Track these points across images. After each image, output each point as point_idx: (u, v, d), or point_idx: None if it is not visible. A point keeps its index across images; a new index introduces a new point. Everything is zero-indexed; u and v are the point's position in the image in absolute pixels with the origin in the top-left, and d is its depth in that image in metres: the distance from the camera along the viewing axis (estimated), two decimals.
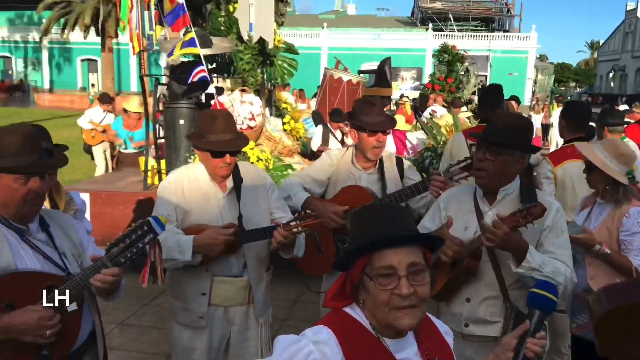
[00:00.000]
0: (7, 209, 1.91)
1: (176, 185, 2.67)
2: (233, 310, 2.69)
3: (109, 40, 33.25)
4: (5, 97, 39.63)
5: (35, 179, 1.89)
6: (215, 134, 2.55)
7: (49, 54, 47.91)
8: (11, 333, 1.77)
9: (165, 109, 5.96)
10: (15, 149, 1.87)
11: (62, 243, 2.05)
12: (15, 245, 1.91)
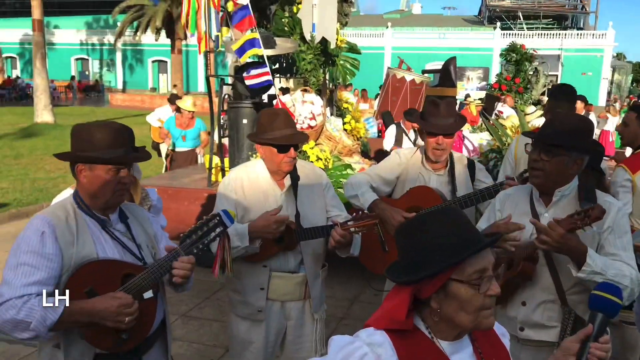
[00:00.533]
0: (94, 200, 2.03)
1: (236, 182, 2.73)
2: (289, 305, 2.74)
3: (178, 42, 34.45)
4: (82, 97, 41.82)
5: (124, 170, 2.02)
6: (278, 130, 2.61)
7: (122, 56, 50.12)
8: (94, 317, 1.88)
9: (229, 109, 6.12)
10: (107, 142, 1.99)
11: (138, 235, 2.16)
12: (97, 234, 2.02)
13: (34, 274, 1.86)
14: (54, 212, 2.00)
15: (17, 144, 14.70)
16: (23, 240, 1.92)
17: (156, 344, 2.20)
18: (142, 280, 2.00)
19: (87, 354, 1.97)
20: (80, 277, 1.93)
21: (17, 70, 50.64)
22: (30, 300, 1.83)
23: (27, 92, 35.99)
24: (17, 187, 9.61)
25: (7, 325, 1.83)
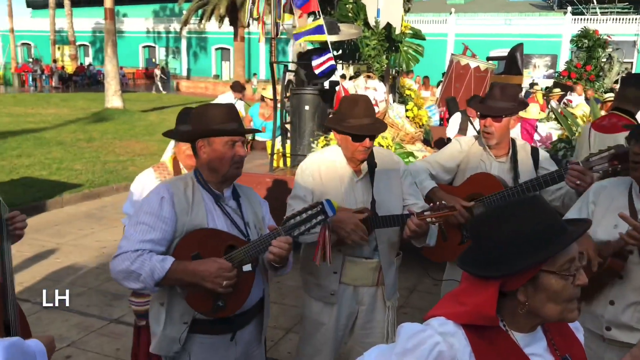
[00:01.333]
0: (213, 174, 2.19)
1: (313, 167, 2.76)
2: (362, 291, 2.74)
3: (241, 30, 34.95)
4: (149, 83, 43.26)
5: (239, 143, 2.16)
6: (355, 118, 2.60)
7: (187, 43, 51.38)
8: (195, 277, 2.01)
9: (292, 95, 6.18)
10: (222, 117, 2.15)
11: (247, 214, 2.29)
12: (210, 207, 2.18)
13: (149, 232, 2.05)
14: (174, 182, 2.20)
15: (89, 128, 15.41)
16: (145, 202, 2.13)
17: (252, 323, 2.29)
18: (244, 252, 2.11)
19: (186, 316, 2.12)
20: (189, 242, 2.09)
21: (89, 58, 52.93)
22: (143, 255, 2.01)
23: (97, 79, 37.61)
24: (89, 169, 10.09)
25: (121, 275, 2.02)
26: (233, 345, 2.22)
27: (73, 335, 4.19)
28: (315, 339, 2.80)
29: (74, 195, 8.35)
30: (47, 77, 35.33)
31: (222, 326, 2.18)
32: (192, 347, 2.17)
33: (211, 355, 2.19)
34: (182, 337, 2.13)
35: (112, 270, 2.06)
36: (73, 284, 5.21)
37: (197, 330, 2.16)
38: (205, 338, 2.17)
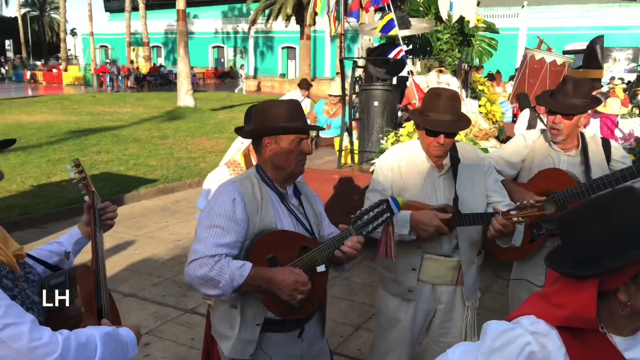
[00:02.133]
0: (279, 172, 2.17)
1: (393, 161, 2.70)
2: (441, 289, 2.68)
3: (307, 29, 35.25)
4: (218, 83, 44.47)
5: (306, 141, 2.14)
6: (435, 112, 2.53)
7: (254, 43, 52.36)
8: (272, 286, 1.99)
9: (360, 91, 6.15)
10: (288, 115, 2.13)
11: (308, 211, 2.28)
12: (276, 206, 2.16)
13: (224, 236, 2.01)
14: (242, 182, 2.16)
15: (163, 126, 16.01)
16: (217, 204, 2.07)
17: (314, 318, 2.27)
18: (318, 253, 2.09)
19: (258, 317, 2.10)
20: (264, 244, 2.06)
21: (162, 59, 55.03)
22: (221, 261, 1.96)
23: (169, 79, 39.02)
24: (163, 165, 10.48)
25: (198, 281, 1.97)
26: (300, 340, 2.21)
27: (150, 323, 4.35)
28: (391, 335, 2.76)
29: (149, 190, 8.69)
30: (123, 78, 37.03)
31: (292, 324, 2.16)
32: (264, 346, 2.16)
33: (278, 351, 2.18)
34: (254, 338, 2.10)
35: (188, 275, 2.00)
36: (150, 274, 5.42)
37: (267, 329, 2.13)
38: (276, 336, 2.16)
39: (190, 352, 3.90)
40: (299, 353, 2.23)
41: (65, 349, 1.24)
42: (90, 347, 1.30)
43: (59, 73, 40.20)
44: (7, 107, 19.51)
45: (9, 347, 1.19)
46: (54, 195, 7.87)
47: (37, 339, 1.22)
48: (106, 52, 56.80)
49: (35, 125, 14.72)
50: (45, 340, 1.23)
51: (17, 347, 1.20)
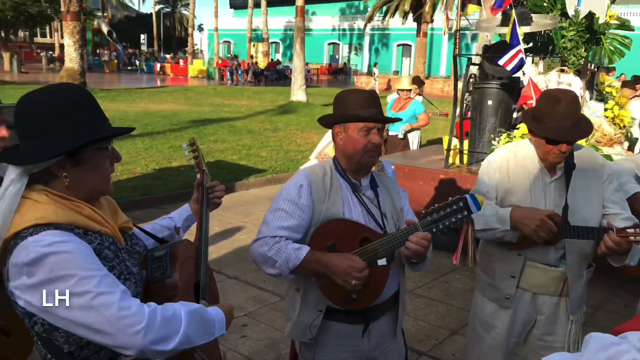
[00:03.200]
0: (348, 161, 2.16)
1: (501, 161, 2.56)
2: (542, 299, 2.51)
3: (424, 26, 34.64)
4: (331, 79, 45.11)
5: (374, 131, 2.10)
6: (554, 119, 2.31)
7: (369, 40, 52.47)
8: (327, 270, 2.00)
9: (473, 89, 5.93)
10: (360, 103, 2.11)
11: (385, 204, 2.22)
12: (347, 196, 2.15)
13: (287, 219, 2.07)
14: (313, 170, 2.20)
15: (275, 119, 16.56)
16: (284, 190, 2.16)
17: (386, 315, 2.22)
18: (379, 246, 2.04)
19: (320, 303, 2.11)
20: (325, 231, 2.08)
21: (279, 54, 56.88)
22: (280, 242, 2.03)
23: (285, 74, 40.21)
24: (273, 157, 10.83)
25: (259, 258, 2.07)
26: (366, 336, 2.18)
27: (250, 306, 4.52)
28: (485, 342, 2.64)
29: (258, 179, 9.03)
30: (242, 72, 38.75)
31: (355, 316, 2.14)
32: (326, 334, 2.16)
33: (343, 344, 2.16)
34: (316, 324, 2.11)
35: (251, 252, 2.11)
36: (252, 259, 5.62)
37: (331, 318, 2.13)
38: (339, 326, 2.15)
39: (285, 338, 4.00)
40: (366, 348, 2.19)
41: (150, 321, 1.31)
42: (175, 322, 1.36)
43: (185, 66, 42.94)
44: (138, 96, 21.21)
45: (100, 314, 1.28)
46: (173, 179, 8.43)
47: (126, 309, 1.30)
48: (228, 47, 59.76)
49: (161, 114, 15.85)
50: (132, 311, 1.30)
51: (107, 314, 1.28)
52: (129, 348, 1.30)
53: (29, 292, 1.30)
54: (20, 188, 1.39)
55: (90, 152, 1.44)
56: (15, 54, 34.45)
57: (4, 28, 35.25)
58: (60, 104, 1.42)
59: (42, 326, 1.37)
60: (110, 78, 33.99)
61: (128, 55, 49.47)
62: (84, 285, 1.28)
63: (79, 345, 1.40)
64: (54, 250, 1.29)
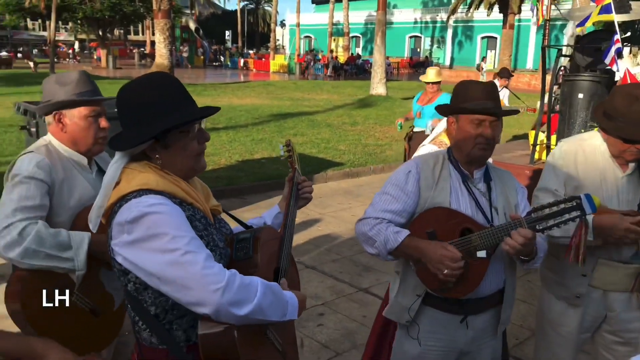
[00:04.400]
0: (459, 151, 2.18)
1: (569, 156, 2.44)
2: (613, 296, 2.41)
3: (511, 17, 33.35)
4: (412, 72, 44.48)
5: (486, 124, 2.08)
6: (631, 116, 2.19)
7: (452, 33, 51.19)
8: (422, 256, 2.03)
9: (563, 82, 5.66)
10: (478, 95, 2.11)
11: (497, 198, 2.19)
12: (455, 186, 2.16)
13: (392, 203, 2.16)
14: (425, 158, 2.26)
15: (354, 113, 16.58)
16: (394, 175, 2.24)
17: (487, 313, 2.19)
18: (478, 238, 2.02)
19: (419, 288, 2.15)
20: (427, 218, 2.11)
21: (360, 49, 56.75)
22: (382, 224, 2.12)
23: (364, 68, 40.09)
24: (351, 150, 10.87)
25: (361, 237, 2.19)
26: (463, 328, 2.16)
27: (327, 296, 4.59)
28: (553, 340, 2.55)
29: (336, 172, 9.10)
30: (322, 67, 39.05)
31: (453, 306, 2.13)
32: (423, 319, 2.18)
33: (440, 331, 2.17)
34: (414, 307, 2.16)
35: (356, 231, 2.23)
36: (330, 250, 5.70)
37: (430, 304, 2.16)
38: (437, 313, 2.16)
39: (361, 329, 4.03)
40: (461, 341, 2.18)
41: (229, 283, 1.39)
42: (251, 290, 1.43)
43: (267, 61, 43.87)
44: (223, 90, 21.95)
45: (186, 270, 1.38)
46: (255, 171, 8.67)
47: (209, 268, 1.39)
48: (309, 42, 60.36)
49: (244, 108, 16.32)
50: (215, 270, 1.40)
51: (192, 270, 1.37)
52: (206, 305, 1.38)
53: (127, 248, 1.42)
54: (120, 165, 1.54)
55: (176, 135, 1.54)
56: (111, 51, 36.70)
57: (102, 27, 37.54)
58: (149, 93, 1.53)
59: (134, 285, 1.49)
60: (197, 73, 35.35)
61: (213, 52, 51.26)
62: (175, 243, 1.39)
63: (164, 309, 1.50)
64: (153, 211, 1.41)
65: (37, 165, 2.07)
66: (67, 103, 2.17)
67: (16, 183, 2.05)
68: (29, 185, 2.03)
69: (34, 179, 2.05)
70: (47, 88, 2.23)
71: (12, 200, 2.01)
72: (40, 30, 71.33)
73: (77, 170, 2.21)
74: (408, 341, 2.23)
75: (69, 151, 2.22)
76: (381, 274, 5.09)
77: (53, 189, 2.11)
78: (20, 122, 5.13)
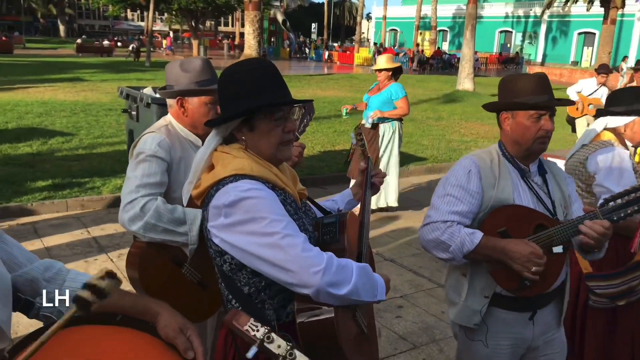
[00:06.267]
0: (517, 147, 2.12)
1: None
2: None
3: (612, 12, 31.28)
4: (501, 68, 42.96)
5: (546, 117, 2.04)
6: None
7: (546, 28, 48.86)
8: (504, 256, 1.97)
9: None
10: (530, 89, 2.06)
11: (553, 191, 2.16)
12: (515, 182, 2.11)
13: (457, 204, 2.07)
14: (480, 155, 2.17)
15: (438, 108, 16.29)
16: (452, 175, 2.16)
17: (551, 305, 2.17)
18: (555, 233, 1.98)
19: (487, 289, 2.09)
20: (497, 217, 2.05)
21: (446, 43, 55.52)
22: (453, 226, 2.04)
23: (450, 62, 39.20)
24: (434, 145, 10.70)
25: (430, 244, 2.09)
26: (530, 324, 2.11)
27: (405, 289, 4.58)
28: None
29: (418, 167, 8.99)
30: (406, 60, 38.57)
31: (522, 303, 2.08)
32: (490, 320, 2.13)
33: (507, 331, 2.12)
34: (483, 310, 2.10)
35: (421, 237, 2.14)
36: (409, 244, 5.66)
37: (497, 304, 2.10)
38: (504, 313, 2.11)
39: (439, 324, 4.00)
40: (529, 337, 2.14)
41: (328, 265, 1.43)
42: (348, 271, 1.46)
43: (351, 54, 43.93)
44: (307, 82, 22.25)
45: (286, 253, 1.42)
46: (336, 162, 8.76)
47: (308, 251, 1.44)
48: (395, 36, 59.78)
49: (327, 100, 16.47)
50: (314, 253, 1.44)
51: (293, 253, 1.42)
52: (307, 286, 1.42)
53: (225, 230, 1.49)
54: (210, 145, 1.62)
55: (261, 118, 1.59)
56: (202, 41, 38.15)
57: (195, 18, 39.10)
58: (243, 75, 1.60)
59: (230, 265, 1.56)
60: (282, 65, 35.98)
61: (299, 44, 52.00)
62: (273, 227, 1.44)
63: (257, 289, 1.56)
64: (250, 195, 1.47)
65: (158, 145, 2.24)
66: (189, 92, 2.32)
67: (140, 161, 2.22)
68: (151, 163, 2.20)
69: (156, 157, 2.22)
70: (171, 73, 2.37)
71: (135, 177, 2.18)
72: (138, 21, 75.41)
73: (193, 150, 2.34)
74: (474, 343, 2.18)
75: (186, 132, 2.37)
76: None
77: (171, 166, 2.27)
78: (121, 106, 5.48)
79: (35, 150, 8.30)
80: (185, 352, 1.32)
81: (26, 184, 6.56)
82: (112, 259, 4.90)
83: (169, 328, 1.35)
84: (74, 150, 8.45)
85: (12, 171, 7.08)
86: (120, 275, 1.23)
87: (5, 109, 11.65)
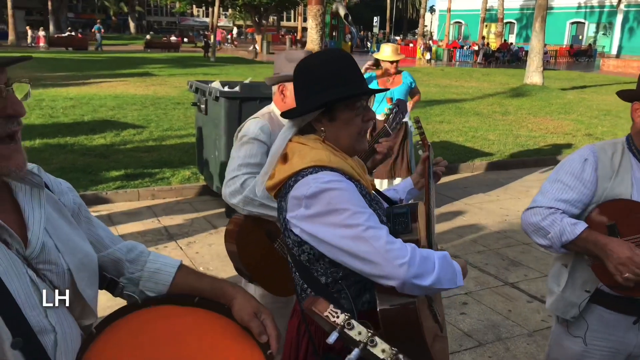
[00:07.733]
0: None
1: None
2: None
3: None
4: (571, 62, 41.14)
5: None
6: None
7: (623, 18, 46.31)
8: (602, 253, 1.89)
9: None
10: None
11: None
12: (637, 177, 2.00)
13: (566, 192, 2.02)
14: (602, 146, 2.09)
15: (505, 102, 15.80)
16: (567, 162, 2.10)
17: None
18: None
19: (589, 284, 2.01)
20: (608, 211, 1.97)
21: (513, 35, 53.69)
22: (556, 214, 1.99)
23: (518, 56, 37.90)
24: (501, 141, 10.38)
25: (530, 227, 2.06)
26: (634, 329, 1.99)
27: (470, 286, 4.48)
28: None
29: (483, 163, 8.76)
30: (471, 53, 37.63)
31: (627, 305, 1.96)
32: (590, 318, 2.04)
33: (608, 332, 2.02)
34: (582, 304, 2.02)
35: (522, 220, 2.10)
36: (475, 241, 5.54)
37: (599, 302, 2.01)
38: (606, 312, 2.01)
39: (505, 322, 3.89)
40: (632, 343, 2.02)
41: (412, 257, 1.41)
42: (430, 262, 1.44)
43: (414, 47, 43.28)
44: None
45: (370, 245, 1.42)
46: None
47: (392, 243, 1.43)
48: (459, 28, 58.44)
49: None
50: (398, 246, 1.43)
51: (377, 245, 1.41)
52: (393, 279, 1.41)
53: (306, 221, 1.49)
54: (287, 136, 1.63)
55: (341, 108, 1.58)
56: (265, 36, 38.67)
57: (258, 13, 39.67)
58: (323, 66, 1.60)
59: (308, 255, 1.56)
60: None
61: (360, 37, 51.75)
62: (356, 219, 1.43)
63: (335, 279, 1.56)
64: (332, 187, 1.47)
65: (260, 129, 2.44)
66: (289, 78, 2.40)
67: (243, 142, 2.44)
68: (253, 145, 2.41)
69: (257, 140, 2.42)
70: (278, 62, 2.57)
71: (239, 157, 2.41)
72: (203, 17, 77.36)
73: None
74: (569, 338, 2.10)
75: None
76: (529, 269, 4.85)
77: None
78: (189, 100, 5.64)
79: (109, 141, 8.71)
80: (259, 335, 1.35)
81: (101, 173, 6.90)
82: (182, 246, 5.07)
83: (244, 312, 1.37)
84: (145, 142, 8.79)
85: (89, 161, 7.46)
86: (193, 264, 1.27)
87: (81, 102, 12.27)
